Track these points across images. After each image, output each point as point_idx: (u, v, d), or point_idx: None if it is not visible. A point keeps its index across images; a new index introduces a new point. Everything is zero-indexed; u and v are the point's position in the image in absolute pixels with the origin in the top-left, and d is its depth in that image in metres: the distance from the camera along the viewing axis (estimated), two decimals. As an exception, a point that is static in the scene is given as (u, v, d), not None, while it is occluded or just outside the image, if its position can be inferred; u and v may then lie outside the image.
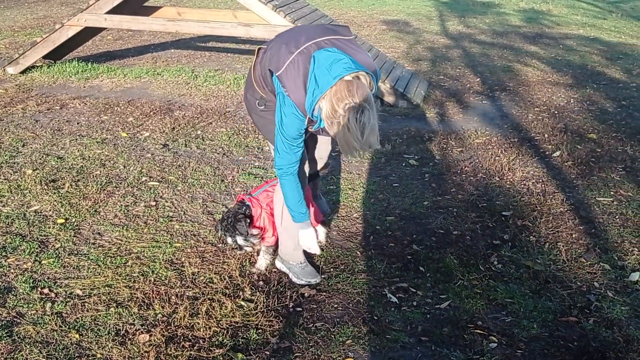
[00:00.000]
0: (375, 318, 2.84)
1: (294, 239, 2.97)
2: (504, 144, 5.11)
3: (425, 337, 2.71)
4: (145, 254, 3.29)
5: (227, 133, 5.26)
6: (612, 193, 4.16)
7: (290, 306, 2.91)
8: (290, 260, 3.11)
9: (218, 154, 4.80)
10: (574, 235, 3.60)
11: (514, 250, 3.43)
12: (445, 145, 5.09)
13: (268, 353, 2.58)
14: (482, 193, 4.15)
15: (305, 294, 3.01)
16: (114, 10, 6.66)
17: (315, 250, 2.92)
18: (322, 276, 3.14)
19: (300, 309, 2.90)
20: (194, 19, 7.17)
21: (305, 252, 3.02)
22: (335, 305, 2.94)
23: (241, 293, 2.98)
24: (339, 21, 7.50)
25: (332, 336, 2.70)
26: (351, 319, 2.83)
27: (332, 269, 3.24)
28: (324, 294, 3.02)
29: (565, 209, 3.92)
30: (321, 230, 3.07)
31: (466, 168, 4.58)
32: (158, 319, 2.76)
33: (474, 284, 3.12)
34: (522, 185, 4.28)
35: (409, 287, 3.09)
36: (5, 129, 5.12)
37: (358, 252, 3.42)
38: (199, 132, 5.23)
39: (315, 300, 2.97)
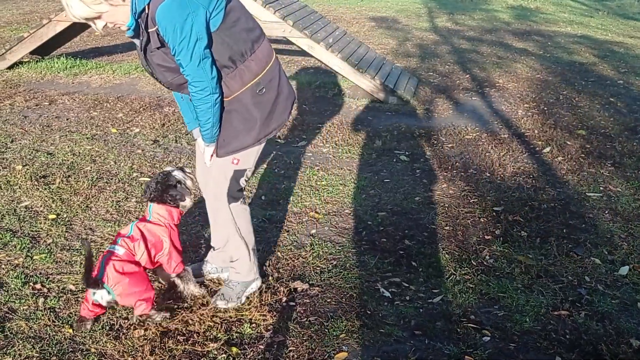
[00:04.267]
0: (369, 312, 2.85)
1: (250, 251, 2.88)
2: (494, 140, 5.14)
3: (418, 331, 2.73)
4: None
5: (218, 129, 5.23)
6: (601, 188, 4.21)
7: (284, 301, 2.92)
8: (246, 277, 2.88)
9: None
10: (564, 230, 3.63)
11: (505, 245, 3.46)
12: (435, 142, 5.11)
13: (262, 347, 2.59)
14: (473, 189, 4.18)
15: (299, 289, 3.02)
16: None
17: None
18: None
19: (294, 304, 2.90)
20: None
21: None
22: (329, 300, 2.95)
23: (235, 288, 2.97)
24: (328, 18, 7.50)
25: (326, 330, 2.71)
26: (344, 314, 2.84)
27: (324, 264, 3.24)
28: (317, 288, 3.03)
29: (556, 204, 3.96)
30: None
31: (457, 164, 4.60)
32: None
33: (466, 279, 3.14)
34: (513, 181, 4.31)
35: (401, 282, 3.10)
36: (-7, 125, 5.07)
37: (350, 248, 3.43)
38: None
39: (308, 295, 2.98)
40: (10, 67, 6.95)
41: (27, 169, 4.17)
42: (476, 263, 3.28)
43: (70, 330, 2.59)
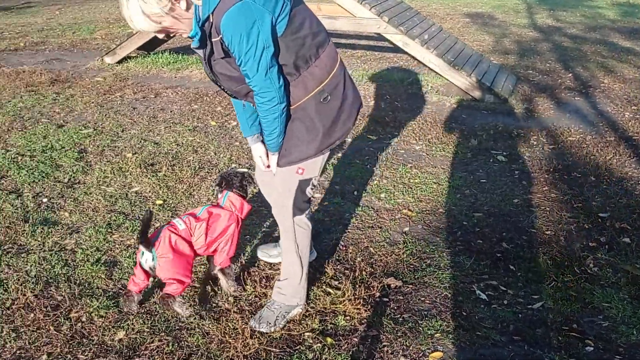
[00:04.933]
0: (464, 314, 2.81)
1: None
2: (599, 142, 4.87)
3: (517, 336, 2.65)
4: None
5: (311, 124, 5.33)
6: None
7: (377, 296, 2.93)
8: (290, 301, 2.73)
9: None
10: (678, 241, 3.39)
11: (611, 254, 3.28)
12: (535, 142, 4.92)
13: (356, 340, 2.62)
14: (577, 193, 3.99)
15: (392, 285, 3.02)
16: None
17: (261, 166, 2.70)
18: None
19: (387, 300, 2.91)
20: (281, 11, 7.28)
21: None
22: (422, 299, 2.93)
23: (328, 280, 3.03)
24: (422, 13, 7.39)
25: (420, 329, 2.70)
26: (439, 313, 2.81)
27: (418, 262, 3.22)
28: (411, 286, 3.02)
29: (669, 213, 3.70)
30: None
31: (559, 166, 4.41)
32: (251, 300, 2.85)
33: (568, 286, 3.01)
34: (620, 187, 4.07)
35: (498, 285, 3.03)
36: (106, 115, 5.44)
37: (444, 248, 3.38)
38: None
39: (402, 292, 2.97)
40: (120, 62, 7.42)
41: (137, 157, 4.45)
42: (579, 270, 3.13)
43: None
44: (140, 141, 4.81)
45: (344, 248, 3.35)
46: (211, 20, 2.15)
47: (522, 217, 3.69)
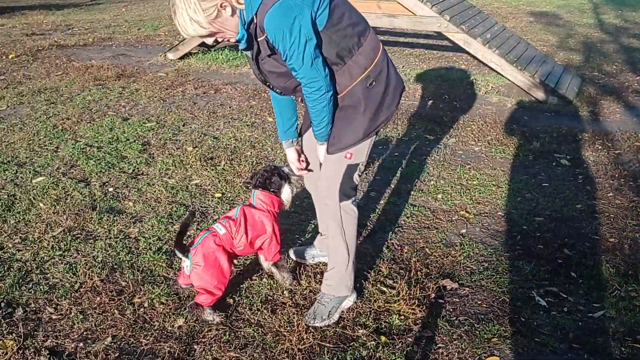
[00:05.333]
0: (523, 319, 2.75)
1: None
2: (670, 148, 4.65)
3: (577, 345, 2.57)
4: (294, 230, 3.46)
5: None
6: None
7: (432, 297, 2.91)
8: (339, 291, 2.77)
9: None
10: None
11: (681, 265, 3.13)
12: (600, 147, 4.74)
13: (411, 340, 2.61)
14: (644, 200, 3.83)
15: (448, 287, 2.99)
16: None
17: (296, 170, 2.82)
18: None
19: (442, 301, 2.88)
20: (340, 9, 7.30)
21: None
22: (479, 302, 2.89)
23: (383, 279, 3.02)
24: (484, 11, 7.24)
25: (477, 332, 2.66)
26: (496, 318, 2.76)
27: (475, 265, 3.18)
28: (467, 289, 2.98)
29: None
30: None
31: (625, 172, 4.24)
32: (305, 294, 2.89)
33: (632, 296, 2.89)
34: (693, 195, 3.88)
35: (559, 292, 2.94)
36: (168, 109, 5.61)
37: (503, 251, 3.31)
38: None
39: (458, 295, 2.94)
40: (182, 58, 7.63)
41: (197, 151, 4.57)
42: (646, 281, 3.01)
43: (231, 300, 2.82)
44: (201, 135, 4.93)
45: (399, 248, 3.34)
46: (255, 21, 2.26)
47: (585, 224, 3.57)
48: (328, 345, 2.55)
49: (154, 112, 5.54)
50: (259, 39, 2.31)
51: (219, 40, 2.37)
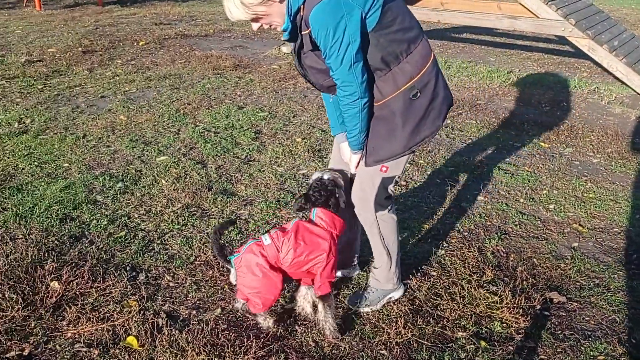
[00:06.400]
0: (633, 341, 2.60)
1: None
2: None
3: (697, 377, 2.40)
4: None
5: (476, 125, 5.22)
6: None
7: (537, 308, 2.82)
8: (385, 286, 2.79)
9: (466, 144, 4.80)
10: None
11: None
12: None
13: (512, 348, 2.55)
14: None
15: (554, 300, 2.88)
16: None
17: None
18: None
19: (548, 314, 2.79)
20: (458, 9, 7.20)
21: None
22: (587, 318, 2.76)
23: (486, 284, 2.97)
24: (613, 17, 6.80)
25: (582, 348, 2.55)
26: (604, 336, 2.63)
27: (585, 280, 3.03)
28: (575, 304, 2.86)
29: None
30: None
31: None
32: (407, 294, 2.90)
33: None
34: None
35: (679, 318, 2.75)
36: (279, 101, 5.82)
37: (617, 269, 3.14)
38: (448, 122, 5.28)
39: (564, 309, 2.83)
40: (295, 52, 7.86)
41: (305, 142, 4.72)
42: None
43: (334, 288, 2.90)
44: (309, 127, 5.08)
45: (505, 255, 3.26)
46: (302, 14, 2.20)
47: None
48: (426, 343, 2.56)
49: (266, 102, 5.76)
50: (302, 32, 2.25)
51: (265, 27, 2.32)
